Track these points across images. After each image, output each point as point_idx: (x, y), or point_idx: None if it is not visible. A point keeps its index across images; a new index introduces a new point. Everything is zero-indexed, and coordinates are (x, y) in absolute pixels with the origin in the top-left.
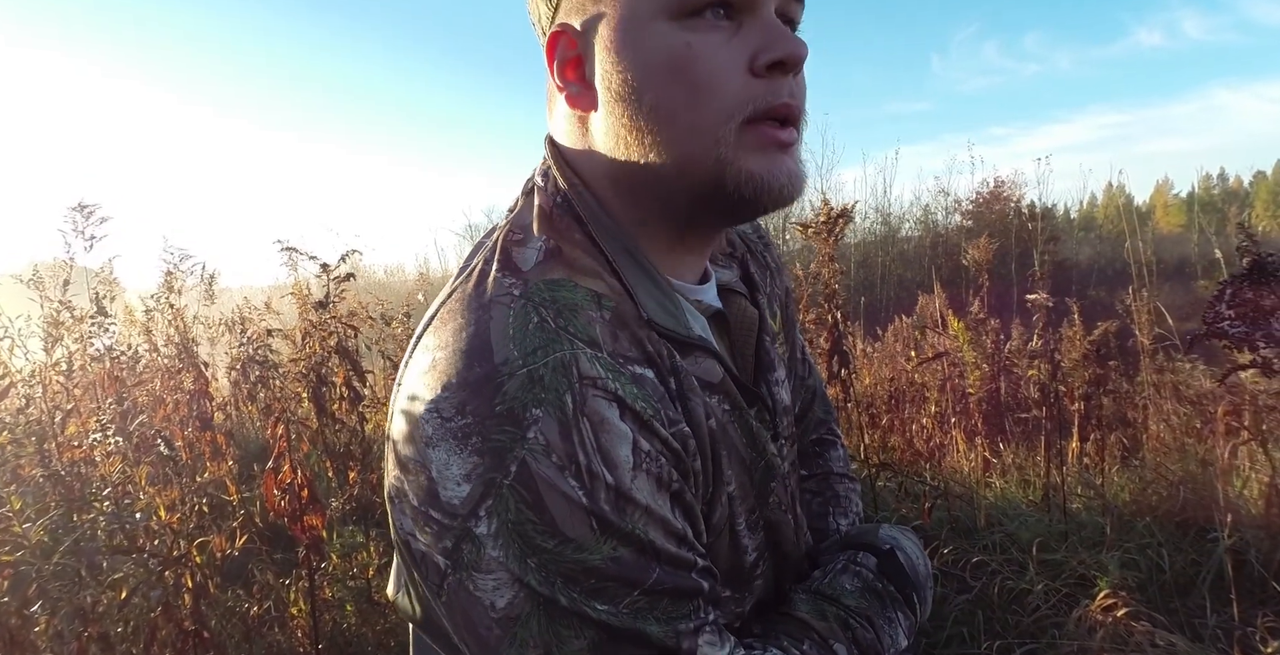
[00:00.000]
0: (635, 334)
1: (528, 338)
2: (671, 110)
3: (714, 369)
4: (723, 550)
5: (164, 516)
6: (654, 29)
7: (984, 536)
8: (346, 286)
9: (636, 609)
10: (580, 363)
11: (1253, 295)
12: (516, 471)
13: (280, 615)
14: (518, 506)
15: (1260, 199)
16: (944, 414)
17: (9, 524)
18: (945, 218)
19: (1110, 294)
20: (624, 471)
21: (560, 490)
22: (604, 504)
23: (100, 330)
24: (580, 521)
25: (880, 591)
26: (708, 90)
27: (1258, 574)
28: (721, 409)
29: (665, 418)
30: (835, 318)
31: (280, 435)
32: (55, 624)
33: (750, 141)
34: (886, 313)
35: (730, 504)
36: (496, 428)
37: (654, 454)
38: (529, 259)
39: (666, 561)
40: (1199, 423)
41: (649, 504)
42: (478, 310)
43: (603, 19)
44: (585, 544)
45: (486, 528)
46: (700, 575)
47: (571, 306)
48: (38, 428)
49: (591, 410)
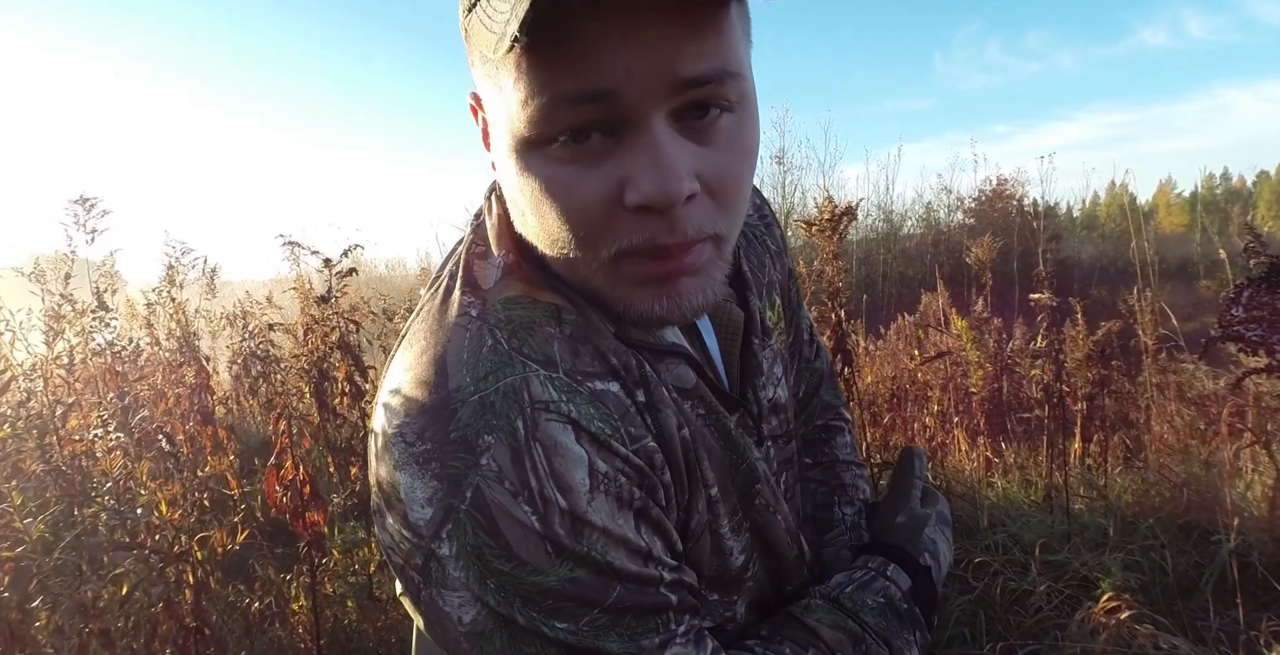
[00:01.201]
0: (598, 347)
1: (480, 362)
2: (550, 233)
3: (688, 375)
4: (705, 554)
5: (165, 512)
6: (521, 155)
7: (986, 537)
8: (349, 281)
9: (597, 627)
10: (531, 386)
11: (1269, 299)
12: (472, 497)
13: (281, 611)
14: (474, 531)
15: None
16: (946, 413)
17: (10, 519)
18: (948, 215)
19: (1113, 293)
20: (579, 495)
21: (514, 516)
22: (558, 528)
23: (101, 325)
24: (535, 546)
25: (904, 613)
26: (574, 224)
27: (1261, 577)
28: (696, 414)
29: (626, 435)
30: (839, 316)
31: (283, 431)
32: (56, 619)
33: (627, 273)
34: (888, 310)
35: (711, 507)
36: (452, 455)
37: (613, 474)
38: (489, 276)
39: (629, 579)
40: (1203, 424)
41: (607, 525)
42: (438, 332)
43: (491, 122)
44: (540, 567)
45: (448, 550)
46: (669, 589)
47: (527, 325)
48: (38, 422)
49: (544, 435)
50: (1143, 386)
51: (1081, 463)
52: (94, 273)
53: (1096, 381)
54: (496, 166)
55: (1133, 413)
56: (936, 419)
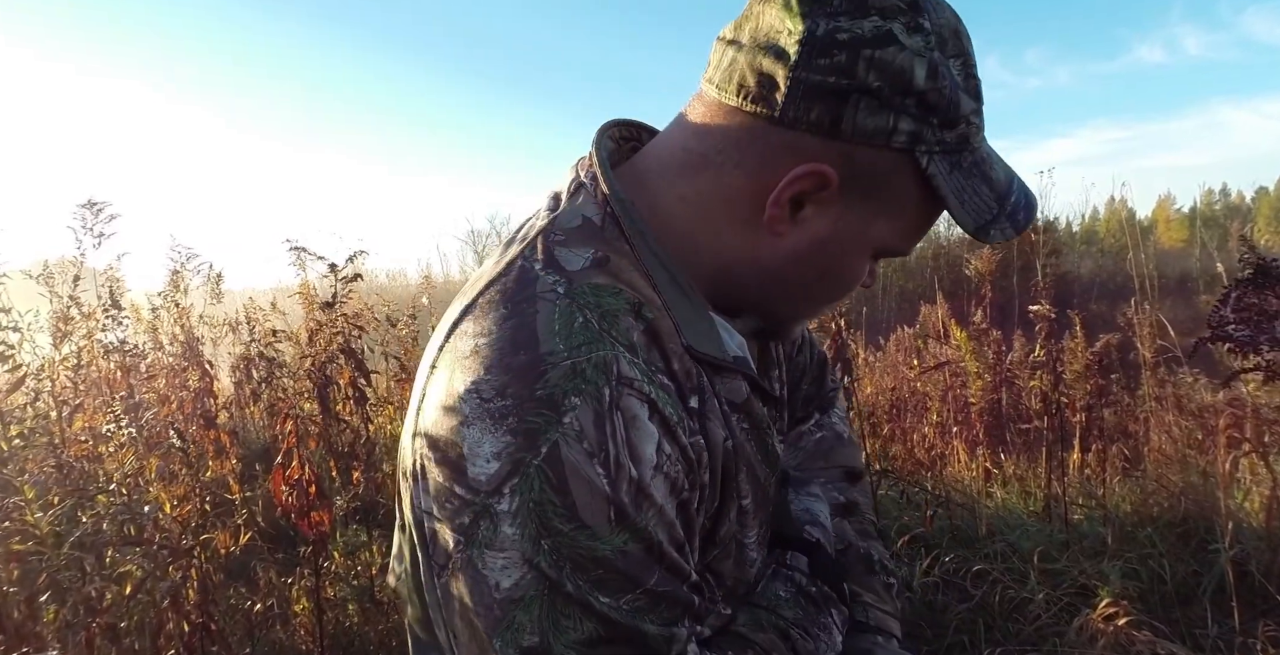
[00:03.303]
0: (665, 350)
1: (573, 334)
2: (809, 297)
3: (741, 389)
4: (729, 566)
5: (170, 510)
6: (859, 249)
7: (985, 545)
8: (353, 287)
9: (636, 607)
10: (620, 363)
11: (1256, 300)
12: (547, 453)
13: (283, 613)
14: (542, 487)
15: (1262, 214)
16: (945, 423)
17: (20, 513)
18: (947, 229)
19: (1112, 308)
20: (647, 468)
21: (586, 476)
22: (625, 495)
23: (114, 323)
24: (599, 509)
25: (814, 596)
26: (831, 303)
27: (1258, 584)
28: (741, 428)
29: (687, 427)
30: (838, 326)
31: (289, 431)
32: (64, 614)
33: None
34: (888, 323)
35: (741, 517)
36: (534, 410)
37: (674, 458)
38: (575, 262)
39: (667, 567)
40: (1200, 435)
41: (663, 504)
42: (522, 303)
43: (855, 208)
44: (599, 532)
45: (508, 505)
46: (692, 590)
47: (613, 313)
48: (45, 422)
49: (625, 407)
50: (1141, 398)
51: (1080, 473)
52: (99, 278)
53: (1095, 392)
54: (826, 242)
55: (1131, 424)
56: (935, 429)
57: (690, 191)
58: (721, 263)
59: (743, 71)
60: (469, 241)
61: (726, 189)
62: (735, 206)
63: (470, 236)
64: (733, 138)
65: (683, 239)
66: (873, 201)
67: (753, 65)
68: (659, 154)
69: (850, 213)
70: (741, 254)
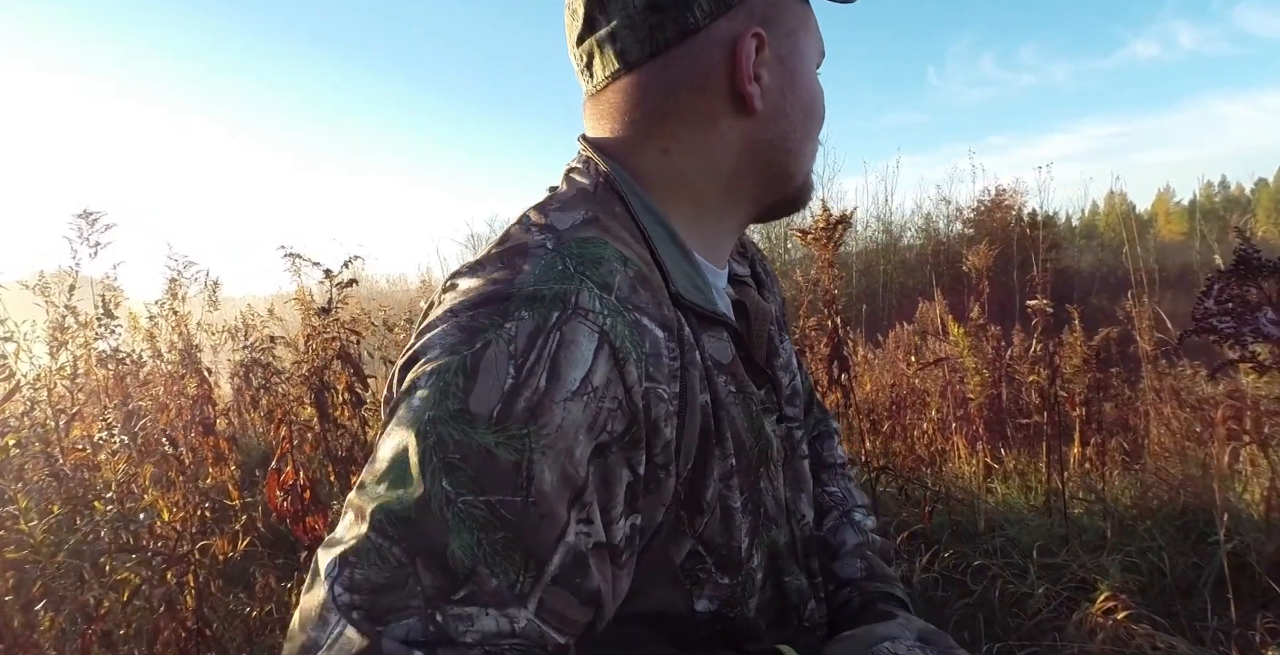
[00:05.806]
0: (655, 296)
1: (547, 274)
2: (808, 134)
3: (726, 350)
4: (716, 531)
5: (167, 517)
6: (809, 69)
7: (985, 541)
8: (349, 292)
9: (470, 514)
10: (580, 296)
11: (1239, 291)
12: (478, 348)
13: (282, 618)
14: (456, 371)
15: (1262, 206)
16: (945, 419)
17: (14, 522)
18: (947, 226)
19: (1112, 301)
20: (560, 389)
21: (494, 372)
22: (520, 401)
23: (107, 332)
24: (488, 402)
25: None
26: (820, 124)
27: (1258, 577)
28: (727, 390)
29: (644, 372)
30: (835, 323)
31: (284, 436)
32: (60, 623)
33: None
34: (888, 320)
35: (725, 479)
36: (485, 314)
37: (607, 396)
38: (565, 222)
39: (536, 499)
40: (1199, 427)
41: (563, 430)
42: (512, 258)
43: (784, 44)
44: (477, 422)
45: (425, 382)
46: (567, 551)
47: (596, 259)
48: (41, 431)
49: (568, 330)
50: (1141, 392)
51: (1080, 467)
52: (96, 287)
53: (1094, 386)
54: (789, 86)
55: (1130, 417)
56: (935, 425)
57: (670, 142)
58: (727, 177)
59: (622, 43)
60: (469, 245)
61: (697, 114)
62: (715, 119)
63: (470, 240)
64: (668, 82)
65: (679, 188)
66: (785, 25)
67: (621, 30)
68: (615, 141)
69: (783, 47)
70: (743, 148)
